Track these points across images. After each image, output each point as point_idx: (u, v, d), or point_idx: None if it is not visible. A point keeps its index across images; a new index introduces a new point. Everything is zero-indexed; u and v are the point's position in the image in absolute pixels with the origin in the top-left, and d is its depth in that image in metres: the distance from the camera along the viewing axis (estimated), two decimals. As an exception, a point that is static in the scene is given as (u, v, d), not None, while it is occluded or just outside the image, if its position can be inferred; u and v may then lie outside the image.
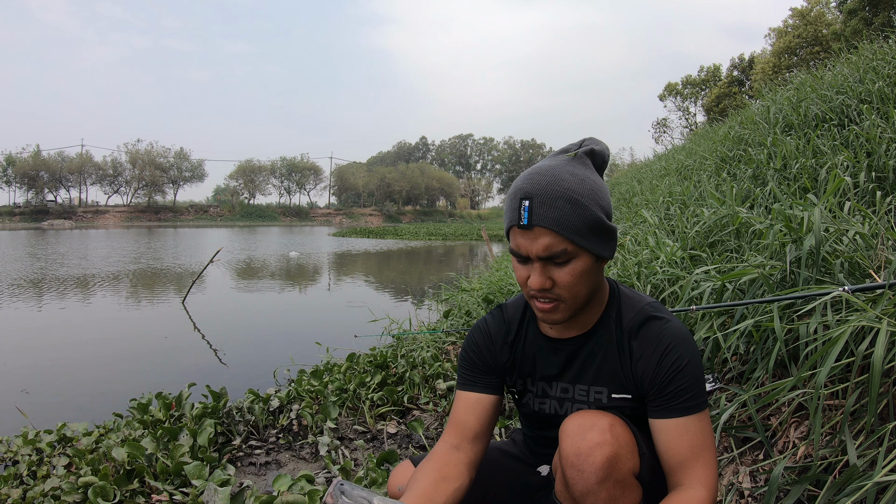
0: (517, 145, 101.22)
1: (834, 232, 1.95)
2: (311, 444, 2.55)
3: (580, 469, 0.99)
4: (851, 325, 1.35)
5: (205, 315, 6.97)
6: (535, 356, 1.20)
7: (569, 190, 0.99)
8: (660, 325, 1.09)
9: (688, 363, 1.05)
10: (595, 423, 1.02)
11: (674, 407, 1.05)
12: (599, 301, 1.14)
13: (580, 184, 1.01)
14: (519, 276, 1.07)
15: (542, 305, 1.06)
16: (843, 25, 19.27)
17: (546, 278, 1.02)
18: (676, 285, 2.54)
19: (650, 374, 1.07)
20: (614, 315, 1.14)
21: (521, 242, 1.02)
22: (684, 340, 1.07)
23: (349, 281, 11.25)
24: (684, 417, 1.04)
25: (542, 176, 1.01)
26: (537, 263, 1.02)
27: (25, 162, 55.11)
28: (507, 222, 1.05)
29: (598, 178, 1.06)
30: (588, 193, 1.00)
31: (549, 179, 1.00)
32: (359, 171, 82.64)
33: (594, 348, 1.14)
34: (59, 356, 4.93)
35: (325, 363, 3.53)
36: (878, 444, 1.30)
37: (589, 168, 1.06)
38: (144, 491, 2.01)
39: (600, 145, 1.09)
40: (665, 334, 1.08)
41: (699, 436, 1.03)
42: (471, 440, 1.17)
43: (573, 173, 1.01)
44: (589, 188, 1.01)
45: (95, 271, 11.58)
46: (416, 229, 36.72)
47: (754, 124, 5.28)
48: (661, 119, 42.78)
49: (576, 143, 1.10)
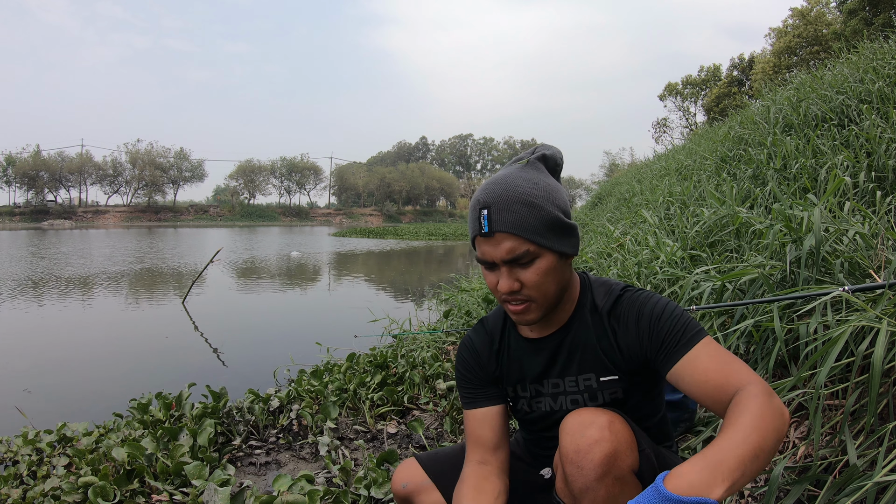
0: (517, 145, 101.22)
1: (834, 232, 1.95)
2: (311, 444, 2.55)
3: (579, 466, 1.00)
4: (851, 325, 1.35)
5: (205, 315, 6.97)
6: (521, 360, 1.24)
7: (524, 194, 1.04)
8: (631, 294, 1.14)
9: (665, 307, 1.08)
10: (594, 421, 1.03)
11: (681, 345, 1.05)
12: (571, 296, 1.18)
13: (534, 187, 1.05)
14: (489, 283, 1.11)
15: (514, 308, 1.10)
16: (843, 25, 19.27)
17: (513, 280, 1.06)
18: (676, 285, 2.54)
19: (636, 337, 1.10)
20: (588, 303, 1.18)
21: (485, 250, 1.06)
22: (655, 298, 1.12)
23: (349, 281, 11.25)
24: (691, 350, 1.03)
25: (497, 185, 1.06)
26: (503, 268, 1.06)
27: (25, 162, 55.14)
28: (471, 233, 1.09)
29: (553, 180, 1.11)
30: (543, 195, 1.05)
31: (504, 187, 1.05)
32: (359, 171, 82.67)
33: (574, 340, 1.18)
34: (60, 356, 4.93)
35: (325, 363, 3.53)
36: (878, 444, 1.30)
37: (542, 172, 1.10)
38: (144, 491, 2.01)
39: (552, 150, 1.14)
40: (637, 300, 1.12)
41: (716, 356, 1.02)
42: (493, 451, 1.23)
43: (527, 178, 1.06)
44: (543, 190, 1.06)
45: (100, 271, 11.58)
46: (416, 229, 36.72)
47: (754, 124, 5.28)
48: (661, 119, 42.83)
49: (528, 150, 1.15)
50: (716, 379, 1.00)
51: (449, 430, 2.57)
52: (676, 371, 1.05)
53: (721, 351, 1.03)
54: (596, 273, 3.56)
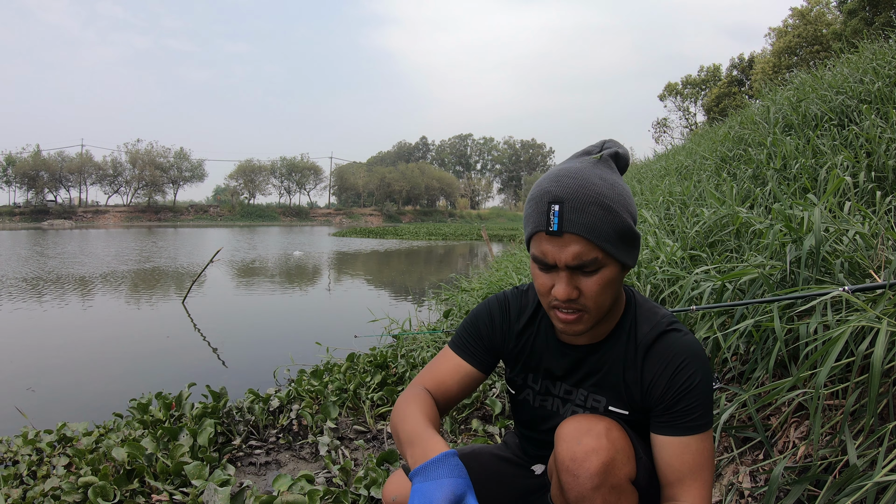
0: (517, 145, 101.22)
1: (834, 232, 1.95)
2: (311, 444, 2.55)
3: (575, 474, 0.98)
4: (851, 326, 1.35)
5: (205, 315, 6.97)
6: (543, 354, 1.18)
7: (600, 195, 0.94)
8: (675, 338, 1.06)
9: (699, 382, 1.03)
10: (591, 428, 1.01)
11: (679, 425, 1.03)
12: (616, 311, 1.11)
13: (611, 188, 0.96)
14: (541, 285, 1.01)
15: (564, 316, 1.01)
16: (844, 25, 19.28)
17: (573, 288, 0.97)
18: (676, 285, 2.54)
19: (661, 388, 1.05)
20: (628, 327, 1.11)
21: (547, 249, 0.96)
22: (698, 358, 1.05)
23: (349, 281, 11.24)
24: (689, 436, 1.02)
25: (571, 179, 0.95)
26: (564, 272, 0.97)
27: (25, 162, 55.13)
28: (532, 227, 0.98)
29: (624, 183, 1.01)
30: (618, 199, 0.96)
31: (579, 183, 0.95)
32: (359, 171, 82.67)
33: (602, 359, 1.12)
34: (60, 356, 4.93)
35: (325, 363, 3.53)
36: (878, 444, 1.30)
37: (615, 172, 1.01)
38: (144, 491, 2.01)
39: (623, 148, 1.04)
40: (680, 350, 1.05)
41: (700, 456, 1.02)
42: (444, 399, 1.18)
43: (602, 177, 0.97)
44: (619, 193, 0.97)
45: (110, 269, 11.58)
46: (416, 229, 36.73)
47: (754, 124, 5.28)
48: (661, 119, 42.85)
49: (596, 144, 1.05)
50: (679, 474, 1.02)
51: (449, 430, 2.57)
52: (661, 439, 1.05)
53: (706, 454, 1.03)
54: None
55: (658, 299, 2.76)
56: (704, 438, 1.03)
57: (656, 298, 2.78)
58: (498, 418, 2.60)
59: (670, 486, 1.03)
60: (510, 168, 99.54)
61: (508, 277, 5.44)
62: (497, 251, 13.45)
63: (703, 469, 1.02)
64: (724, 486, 1.59)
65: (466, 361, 1.20)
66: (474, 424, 2.56)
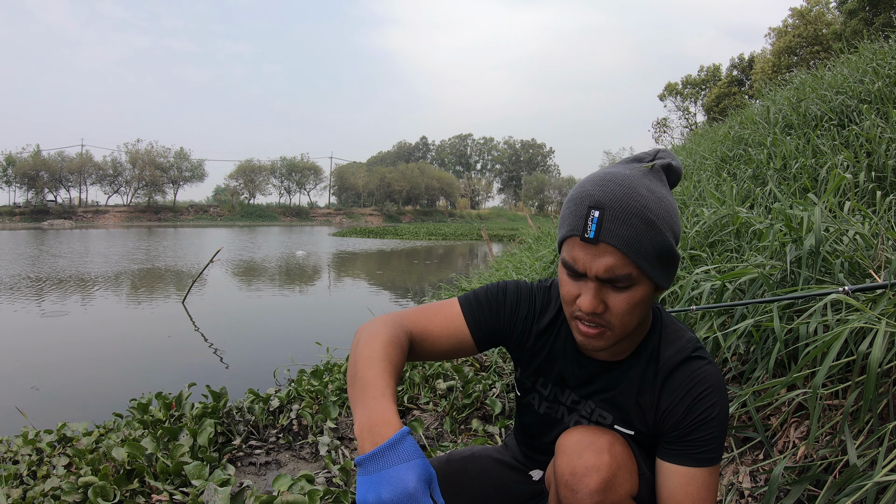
0: (517, 145, 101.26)
1: (834, 232, 1.95)
2: (311, 444, 2.55)
3: (574, 489, 0.95)
4: (850, 326, 1.35)
5: (205, 315, 6.97)
6: (558, 359, 1.12)
7: (645, 208, 0.87)
8: (699, 366, 1.01)
9: (718, 414, 0.99)
10: (593, 442, 0.98)
11: (690, 455, 0.99)
12: (641, 330, 1.05)
13: (658, 203, 0.89)
14: (567, 292, 0.95)
15: (586, 329, 0.95)
16: (843, 25, 19.28)
17: (599, 301, 0.91)
18: (676, 285, 2.53)
19: (677, 416, 1.00)
20: (651, 348, 1.05)
21: (579, 256, 0.90)
22: (719, 389, 1.00)
23: (349, 281, 11.25)
24: (697, 468, 0.99)
25: (617, 185, 0.88)
26: (593, 283, 0.90)
27: (25, 162, 55.13)
28: (566, 230, 0.91)
29: (673, 199, 0.94)
30: (664, 215, 0.89)
31: (625, 191, 0.87)
32: (359, 170, 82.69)
33: (618, 378, 1.06)
34: (60, 356, 4.93)
35: (325, 363, 3.53)
36: (878, 444, 1.30)
37: (665, 185, 0.94)
38: (144, 491, 2.01)
39: (676, 161, 0.97)
40: (702, 379, 1.00)
41: (706, 490, 0.98)
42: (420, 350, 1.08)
43: (651, 189, 0.89)
44: (665, 209, 0.90)
45: (121, 268, 11.57)
46: (416, 229, 36.74)
47: (754, 124, 5.28)
48: (661, 119, 42.86)
49: (649, 152, 0.98)
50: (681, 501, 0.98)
51: (449, 430, 2.57)
52: (667, 466, 1.01)
53: (711, 489, 0.99)
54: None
55: (658, 299, 2.77)
56: (712, 472, 0.99)
57: (656, 298, 2.78)
58: (498, 418, 2.60)
59: None
60: (510, 168, 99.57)
61: (509, 277, 5.45)
62: (497, 251, 13.45)
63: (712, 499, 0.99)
64: (724, 486, 1.59)
65: (469, 329, 1.09)
66: (474, 424, 2.56)
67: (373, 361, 0.93)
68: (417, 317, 1.09)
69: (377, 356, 0.94)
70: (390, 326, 1.02)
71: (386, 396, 0.87)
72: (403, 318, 1.07)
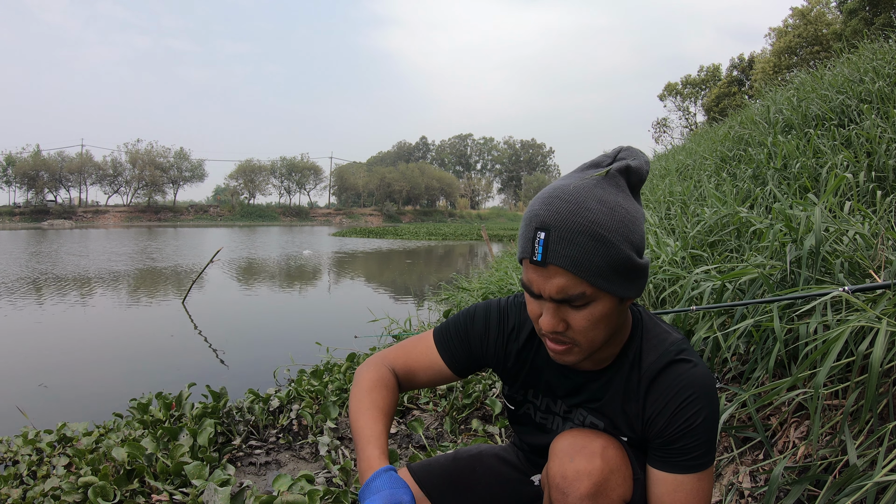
0: (517, 145, 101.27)
1: (834, 232, 1.95)
2: (311, 444, 2.55)
3: (564, 493, 0.95)
4: (850, 326, 1.35)
5: (205, 315, 6.97)
6: (544, 370, 1.11)
7: (594, 223, 0.83)
8: (683, 370, 0.98)
9: (703, 420, 0.95)
10: (586, 446, 0.97)
11: (677, 462, 0.97)
12: (619, 338, 1.01)
13: (609, 215, 0.85)
14: (531, 312, 0.95)
15: (554, 346, 0.95)
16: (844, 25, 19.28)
17: (559, 321, 0.90)
18: (677, 285, 2.53)
19: (661, 423, 0.97)
20: (632, 355, 1.02)
21: (533, 278, 0.89)
22: (706, 393, 0.96)
23: (349, 281, 11.24)
24: (685, 475, 0.96)
25: (563, 201, 0.85)
26: (550, 304, 0.89)
27: (25, 162, 55.17)
28: (520, 252, 0.91)
29: (633, 204, 0.90)
30: (617, 227, 0.85)
31: (571, 207, 0.84)
32: (359, 170, 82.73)
33: (604, 385, 1.04)
34: (59, 356, 4.93)
35: (325, 363, 3.53)
36: (878, 444, 1.30)
37: (622, 191, 0.89)
38: (144, 491, 2.01)
39: (638, 160, 0.91)
40: (687, 383, 0.96)
41: (693, 496, 0.96)
42: (408, 384, 1.16)
43: (602, 200, 0.85)
44: (619, 220, 0.85)
45: (108, 270, 11.58)
46: (416, 229, 36.74)
47: (754, 124, 5.28)
48: (661, 119, 42.84)
49: (609, 153, 0.94)
50: None
51: (449, 430, 2.57)
52: (656, 474, 0.99)
53: (702, 494, 0.97)
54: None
55: (658, 299, 2.77)
56: (702, 478, 0.97)
57: (657, 298, 2.78)
58: (498, 418, 2.60)
59: None
60: (510, 168, 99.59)
61: (508, 278, 5.45)
62: (497, 251, 13.46)
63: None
64: (724, 486, 1.58)
65: (444, 361, 1.13)
66: (474, 424, 2.56)
67: (361, 411, 1.06)
68: (398, 353, 1.17)
69: (364, 405, 1.07)
70: (375, 369, 1.13)
71: (370, 443, 1.00)
72: (386, 357, 1.17)
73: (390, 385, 1.11)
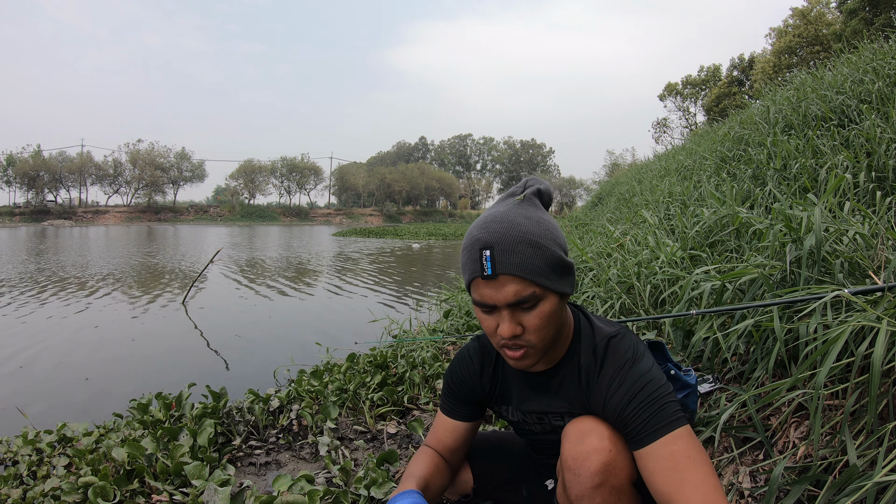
0: (517, 145, 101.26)
1: (834, 232, 1.95)
2: (311, 444, 2.55)
3: (576, 473, 1.00)
4: (850, 326, 1.35)
5: (205, 315, 6.97)
6: (513, 385, 1.25)
7: (527, 233, 0.99)
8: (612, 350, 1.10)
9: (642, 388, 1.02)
10: (594, 428, 1.03)
11: (640, 436, 0.99)
12: (565, 335, 1.15)
13: (537, 225, 1.01)
14: (487, 327, 1.06)
15: (512, 353, 1.06)
16: (844, 25, 19.28)
17: (516, 324, 1.01)
18: (676, 285, 2.53)
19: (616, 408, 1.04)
20: (577, 352, 1.15)
21: (486, 293, 1.01)
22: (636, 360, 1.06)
23: (349, 281, 11.24)
24: (654, 443, 0.97)
25: (498, 223, 1.00)
26: (505, 311, 1.01)
27: (25, 162, 55.19)
28: (469, 275, 1.03)
29: (549, 216, 1.07)
30: (546, 234, 1.01)
31: (506, 226, 0.99)
32: (359, 171, 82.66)
33: (563, 381, 1.16)
34: (59, 356, 4.93)
35: (325, 363, 3.53)
36: (878, 444, 1.30)
37: (540, 209, 1.06)
38: (144, 491, 2.01)
39: (544, 184, 1.10)
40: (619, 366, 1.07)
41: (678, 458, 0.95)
42: (450, 453, 1.33)
43: (527, 216, 1.02)
44: (545, 229, 1.02)
45: (108, 269, 11.57)
46: (416, 229, 36.72)
47: (754, 124, 5.28)
48: (661, 119, 42.87)
49: (519, 185, 1.11)
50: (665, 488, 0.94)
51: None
52: (640, 455, 1.00)
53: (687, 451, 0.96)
54: (595, 274, 3.55)
55: (658, 299, 2.76)
56: (675, 438, 0.97)
57: (656, 299, 2.78)
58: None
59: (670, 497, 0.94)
60: (510, 168, 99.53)
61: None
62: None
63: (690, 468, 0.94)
64: (724, 486, 1.58)
65: (452, 419, 1.33)
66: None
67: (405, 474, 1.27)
68: (431, 436, 1.37)
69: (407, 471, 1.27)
70: (418, 452, 1.34)
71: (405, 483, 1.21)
72: (426, 441, 1.38)
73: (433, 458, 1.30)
